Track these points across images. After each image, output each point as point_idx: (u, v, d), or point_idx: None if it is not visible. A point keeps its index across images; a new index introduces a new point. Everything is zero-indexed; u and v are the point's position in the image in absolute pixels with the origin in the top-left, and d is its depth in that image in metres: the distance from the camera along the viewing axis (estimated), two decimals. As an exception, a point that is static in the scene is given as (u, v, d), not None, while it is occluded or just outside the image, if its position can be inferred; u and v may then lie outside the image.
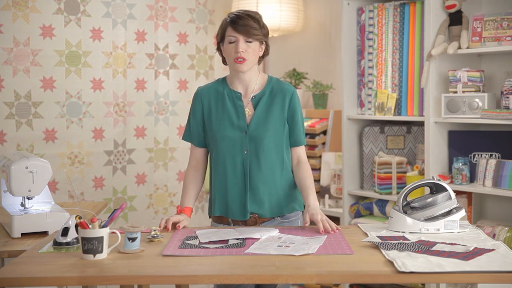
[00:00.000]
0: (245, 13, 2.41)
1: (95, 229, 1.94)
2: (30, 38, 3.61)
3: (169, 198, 4.22)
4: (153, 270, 1.84)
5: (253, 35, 2.37)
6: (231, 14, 2.42)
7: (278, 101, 2.45)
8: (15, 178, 2.48)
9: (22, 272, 1.83)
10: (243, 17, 2.38)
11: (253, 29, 2.38)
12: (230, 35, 2.38)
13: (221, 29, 2.43)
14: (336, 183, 3.87)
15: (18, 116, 3.60)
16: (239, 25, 2.36)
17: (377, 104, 3.56)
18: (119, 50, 3.94)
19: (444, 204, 2.25)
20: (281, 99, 2.45)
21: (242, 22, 2.37)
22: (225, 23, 2.42)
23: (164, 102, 4.16)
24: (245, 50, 2.37)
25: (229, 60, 2.42)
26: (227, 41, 2.40)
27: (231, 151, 2.42)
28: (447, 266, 1.79)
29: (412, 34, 3.43)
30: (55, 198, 3.50)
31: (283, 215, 2.47)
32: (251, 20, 2.39)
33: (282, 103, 2.45)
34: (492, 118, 3.04)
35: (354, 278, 1.85)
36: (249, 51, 2.38)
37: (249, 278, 1.79)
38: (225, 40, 2.41)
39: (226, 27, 2.40)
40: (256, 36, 2.39)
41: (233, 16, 2.40)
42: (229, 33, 2.39)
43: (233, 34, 2.38)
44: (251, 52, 2.39)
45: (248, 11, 2.43)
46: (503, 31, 3.03)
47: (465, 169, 3.22)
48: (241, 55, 2.37)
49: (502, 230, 3.05)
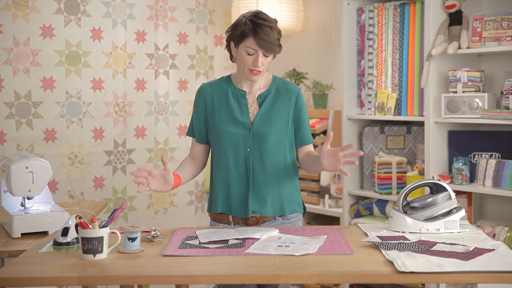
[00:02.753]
0: (267, 24, 2.33)
1: (95, 229, 1.94)
2: (30, 38, 3.61)
3: (169, 198, 4.22)
4: (153, 270, 1.84)
5: (272, 50, 2.35)
6: (253, 21, 2.32)
7: (284, 100, 2.46)
8: (15, 178, 2.47)
9: (22, 272, 1.83)
10: (266, 30, 2.31)
11: (275, 45, 2.34)
12: (251, 47, 2.33)
13: (239, 33, 2.34)
14: (336, 183, 3.86)
15: (18, 116, 3.60)
16: (263, 39, 2.30)
17: (377, 104, 3.56)
18: (119, 50, 3.94)
19: (444, 204, 2.25)
20: (287, 99, 2.46)
21: (266, 38, 2.30)
22: (246, 30, 2.32)
23: (164, 102, 4.16)
24: (262, 63, 2.35)
25: (242, 68, 2.38)
26: (244, 50, 2.34)
27: (234, 148, 2.42)
28: (447, 266, 1.79)
29: (412, 34, 3.43)
30: (55, 198, 3.50)
31: (284, 215, 2.47)
32: (273, 32, 2.33)
33: (288, 103, 2.46)
34: (492, 118, 3.04)
35: (354, 278, 1.85)
36: (265, 63, 2.37)
37: (249, 278, 1.79)
38: (240, 46, 2.35)
39: (247, 36, 2.32)
40: (276, 52, 2.37)
41: (255, 25, 2.32)
42: (249, 44, 2.32)
43: (254, 47, 2.32)
44: (267, 63, 2.38)
45: (268, 19, 2.35)
46: (503, 31, 3.03)
47: (465, 169, 3.22)
48: (258, 68, 2.35)
49: (502, 230, 3.05)
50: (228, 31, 2.43)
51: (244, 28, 2.34)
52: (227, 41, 2.44)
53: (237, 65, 2.45)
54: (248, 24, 2.34)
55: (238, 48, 2.38)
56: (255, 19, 2.34)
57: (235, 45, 2.39)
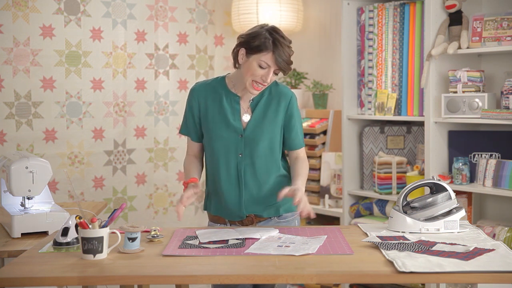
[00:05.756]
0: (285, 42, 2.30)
1: (95, 229, 1.94)
2: (30, 38, 3.60)
3: (169, 198, 4.22)
4: (153, 270, 1.84)
5: (286, 71, 2.34)
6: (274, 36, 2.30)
7: (277, 105, 2.43)
8: (15, 178, 2.47)
9: (22, 272, 1.83)
10: (285, 47, 2.29)
11: (288, 64, 2.32)
12: (266, 62, 2.29)
13: (257, 44, 2.29)
14: (336, 183, 3.87)
15: (18, 116, 3.60)
16: (281, 57, 2.28)
17: (377, 104, 3.56)
18: (119, 50, 3.94)
19: (444, 204, 2.25)
20: (279, 103, 2.43)
21: (283, 55, 2.28)
22: (267, 44, 2.28)
23: (164, 102, 4.16)
24: (270, 79, 2.34)
25: (247, 77, 2.33)
26: (257, 62, 2.29)
27: (225, 153, 2.41)
28: (447, 266, 1.79)
29: (412, 34, 3.43)
30: (55, 198, 3.50)
31: (279, 215, 2.47)
32: (290, 52, 2.32)
33: (278, 107, 2.43)
34: (492, 118, 3.04)
35: (354, 278, 1.85)
36: (272, 79, 2.35)
37: (249, 278, 1.79)
38: (254, 56, 2.30)
39: (265, 51, 2.28)
40: (286, 72, 2.35)
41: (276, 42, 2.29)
42: (265, 59, 2.29)
43: (269, 63, 2.29)
44: (270, 82, 2.36)
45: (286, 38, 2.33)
46: (503, 31, 3.03)
47: (465, 169, 3.22)
48: (263, 84, 2.33)
49: (502, 230, 3.05)
50: (243, 37, 2.36)
51: (265, 41, 2.29)
52: (238, 46, 2.38)
53: (240, 72, 2.39)
54: (268, 38, 2.29)
55: (249, 58, 2.32)
56: (276, 34, 2.31)
57: (246, 53, 2.33)
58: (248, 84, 2.34)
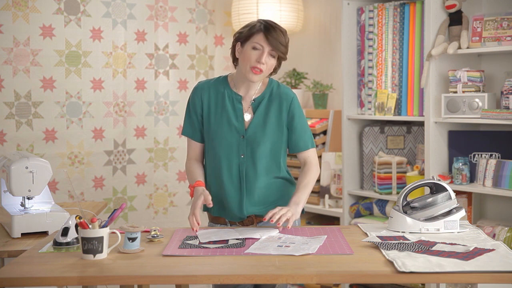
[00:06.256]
0: (278, 27, 2.38)
1: (95, 229, 1.94)
2: (30, 38, 3.61)
3: (169, 198, 4.22)
4: (153, 270, 1.84)
5: (279, 50, 2.35)
6: (264, 22, 2.38)
7: (278, 106, 2.44)
8: (15, 178, 2.47)
9: (22, 272, 1.83)
10: (277, 30, 2.35)
11: (281, 45, 2.35)
12: (258, 42, 2.34)
13: (248, 32, 2.37)
14: (336, 183, 3.87)
15: (18, 116, 3.60)
16: (272, 36, 2.33)
17: (377, 104, 3.56)
18: (119, 50, 3.94)
19: (444, 204, 2.25)
20: (280, 105, 2.44)
21: (275, 35, 2.34)
22: (256, 28, 2.35)
23: (164, 102, 4.16)
24: (266, 62, 2.35)
25: (245, 65, 2.36)
26: (250, 45, 2.35)
27: (227, 154, 2.42)
28: (447, 266, 1.79)
29: (412, 34, 3.43)
30: (55, 198, 3.50)
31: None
32: (283, 36, 2.37)
33: (280, 109, 2.44)
34: (492, 118, 3.04)
35: (354, 278, 1.85)
36: (268, 65, 2.36)
37: (249, 278, 1.79)
38: (248, 43, 2.36)
39: (256, 33, 2.35)
40: (281, 52, 2.37)
41: (267, 25, 2.36)
42: (257, 40, 2.34)
43: (261, 43, 2.34)
44: (269, 66, 2.37)
45: (278, 25, 2.40)
46: (503, 31, 3.03)
47: (465, 169, 3.22)
48: (260, 66, 2.34)
49: (502, 230, 3.05)
50: (237, 33, 2.43)
51: (255, 25, 2.37)
52: (234, 42, 2.43)
53: (238, 66, 2.43)
54: (260, 23, 2.37)
55: (244, 46, 2.37)
56: (267, 21, 2.38)
57: (241, 44, 2.38)
58: (247, 72, 2.36)
